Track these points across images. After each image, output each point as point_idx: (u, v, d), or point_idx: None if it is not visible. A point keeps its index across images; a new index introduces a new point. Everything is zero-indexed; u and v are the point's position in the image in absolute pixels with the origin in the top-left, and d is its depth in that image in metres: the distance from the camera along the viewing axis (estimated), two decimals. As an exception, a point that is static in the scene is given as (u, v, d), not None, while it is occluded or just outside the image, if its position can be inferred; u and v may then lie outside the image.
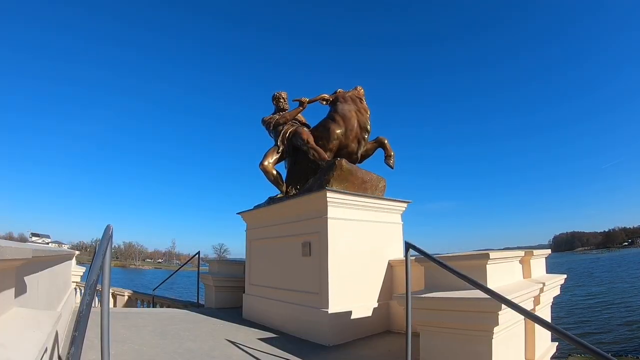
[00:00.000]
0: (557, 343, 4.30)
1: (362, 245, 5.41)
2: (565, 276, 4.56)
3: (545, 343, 4.06)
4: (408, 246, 3.40)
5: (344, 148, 6.06)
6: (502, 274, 3.50)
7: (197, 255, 8.84)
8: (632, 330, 17.25)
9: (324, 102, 6.38)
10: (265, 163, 6.50)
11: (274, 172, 6.59)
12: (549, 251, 4.62)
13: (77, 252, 8.86)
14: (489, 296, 2.61)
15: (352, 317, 5.01)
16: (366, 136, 6.08)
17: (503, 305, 2.72)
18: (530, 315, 2.49)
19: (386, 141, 6.26)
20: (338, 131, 5.97)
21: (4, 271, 1.56)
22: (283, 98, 6.90)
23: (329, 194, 5.09)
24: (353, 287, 5.16)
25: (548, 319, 4.29)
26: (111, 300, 9.55)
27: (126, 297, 9.65)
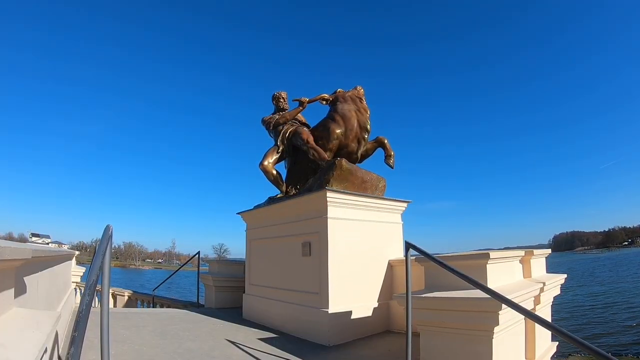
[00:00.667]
0: (557, 343, 4.30)
1: (362, 245, 5.41)
2: (565, 276, 4.56)
3: (545, 343, 4.06)
4: (408, 246, 3.40)
5: (343, 148, 6.06)
6: (503, 273, 3.50)
7: (197, 255, 8.84)
8: (637, 333, 17.12)
9: (324, 102, 6.37)
10: (265, 163, 6.50)
11: (274, 172, 6.59)
12: (549, 251, 4.62)
13: (77, 252, 8.86)
14: (489, 296, 2.60)
15: (352, 317, 5.01)
16: (366, 136, 6.08)
17: (503, 305, 2.72)
18: (530, 315, 2.49)
19: (386, 141, 6.26)
20: (338, 131, 5.97)
21: (4, 271, 1.56)
22: (283, 98, 6.90)
23: (329, 194, 5.09)
24: (353, 287, 5.15)
25: (548, 318, 4.29)
26: (111, 300, 9.55)
27: (126, 297, 9.65)
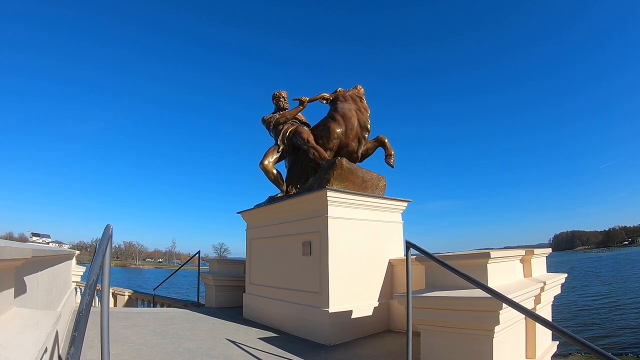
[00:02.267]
0: (557, 342, 4.30)
1: (362, 245, 5.40)
2: (565, 275, 4.56)
3: (546, 342, 4.05)
4: (409, 245, 3.39)
5: (344, 147, 6.05)
6: (503, 273, 3.50)
7: (197, 255, 8.84)
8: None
9: (324, 101, 6.36)
10: (266, 162, 6.49)
11: (274, 171, 6.59)
12: (549, 250, 4.61)
13: (77, 252, 8.85)
14: (490, 295, 2.60)
15: (353, 316, 5.01)
16: (366, 135, 6.07)
17: (504, 305, 2.71)
18: (531, 315, 2.49)
19: (386, 140, 6.24)
20: (338, 130, 5.96)
21: (4, 271, 1.56)
22: (283, 97, 6.89)
23: (329, 193, 5.08)
24: (353, 286, 5.15)
25: (549, 317, 4.29)
26: (111, 300, 9.55)
27: (126, 297, 9.65)
